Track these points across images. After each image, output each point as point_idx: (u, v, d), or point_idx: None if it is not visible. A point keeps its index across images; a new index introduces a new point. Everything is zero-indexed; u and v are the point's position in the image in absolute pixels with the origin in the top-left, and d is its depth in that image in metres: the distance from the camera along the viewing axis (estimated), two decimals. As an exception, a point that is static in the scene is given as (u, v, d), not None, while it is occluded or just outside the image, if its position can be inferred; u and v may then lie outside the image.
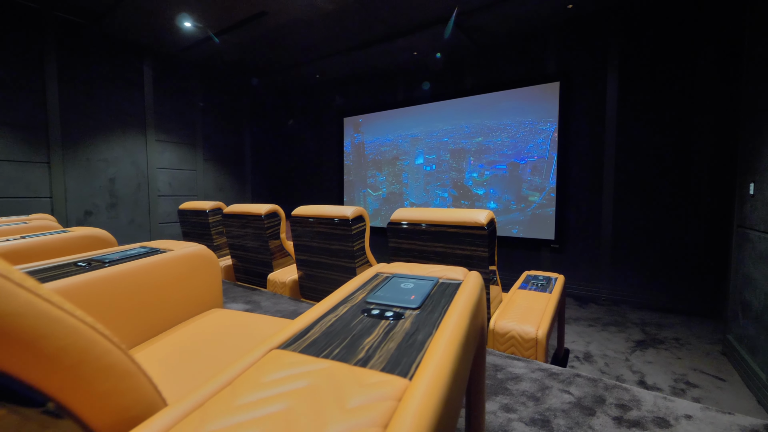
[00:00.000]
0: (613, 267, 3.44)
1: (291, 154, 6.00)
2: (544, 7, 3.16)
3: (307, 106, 5.83)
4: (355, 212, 2.16)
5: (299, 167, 5.98)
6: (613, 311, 3.15)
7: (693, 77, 3.05)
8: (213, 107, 4.94)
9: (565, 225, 3.67)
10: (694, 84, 3.04)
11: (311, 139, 5.79)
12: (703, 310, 3.04)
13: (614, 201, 3.41)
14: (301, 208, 2.35)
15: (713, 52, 2.97)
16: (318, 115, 5.69)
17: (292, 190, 6.02)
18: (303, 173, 5.96)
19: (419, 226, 1.77)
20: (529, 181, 3.87)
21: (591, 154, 3.52)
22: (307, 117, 5.82)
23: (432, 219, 1.72)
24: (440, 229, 1.69)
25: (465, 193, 4.31)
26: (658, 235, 3.22)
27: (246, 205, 2.80)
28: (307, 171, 5.90)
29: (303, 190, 5.99)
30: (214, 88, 4.94)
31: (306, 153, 5.89)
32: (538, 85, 3.74)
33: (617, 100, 3.35)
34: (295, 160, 6.00)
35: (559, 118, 3.64)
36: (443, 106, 4.39)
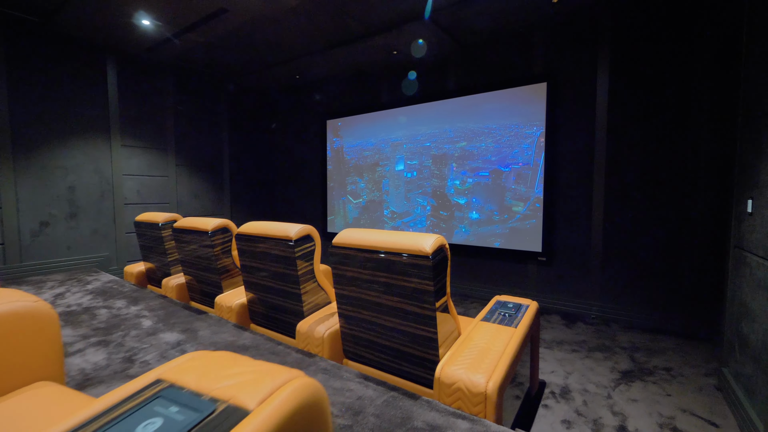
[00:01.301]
0: (603, 282, 3.18)
1: (273, 158, 5.77)
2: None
3: (288, 108, 5.60)
4: (300, 231, 1.92)
5: (281, 172, 5.76)
6: (602, 332, 2.89)
7: (688, 79, 2.79)
8: (187, 110, 4.72)
9: (552, 237, 3.41)
10: (690, 87, 2.79)
11: (293, 143, 5.57)
12: (699, 333, 2.78)
13: (605, 212, 3.15)
14: (248, 225, 2.12)
15: (710, 52, 2.71)
16: (300, 118, 5.46)
17: (273, 197, 5.80)
18: (285, 178, 5.73)
19: (362, 252, 1.53)
20: (513, 190, 3.62)
21: (579, 162, 3.26)
22: (289, 120, 5.60)
23: (374, 244, 1.48)
24: (383, 257, 1.45)
25: (444, 202, 4.06)
26: (652, 249, 2.96)
27: (196, 220, 2.58)
28: (290, 176, 5.67)
29: (285, 196, 5.76)
30: (188, 89, 4.72)
31: (288, 157, 5.66)
32: (525, 86, 3.49)
33: (607, 103, 3.10)
34: (277, 165, 5.77)
35: (546, 122, 3.38)
36: (426, 108, 4.14)
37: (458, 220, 3.99)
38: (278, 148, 5.75)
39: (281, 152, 5.73)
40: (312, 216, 5.41)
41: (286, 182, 5.71)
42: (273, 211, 5.79)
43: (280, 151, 5.74)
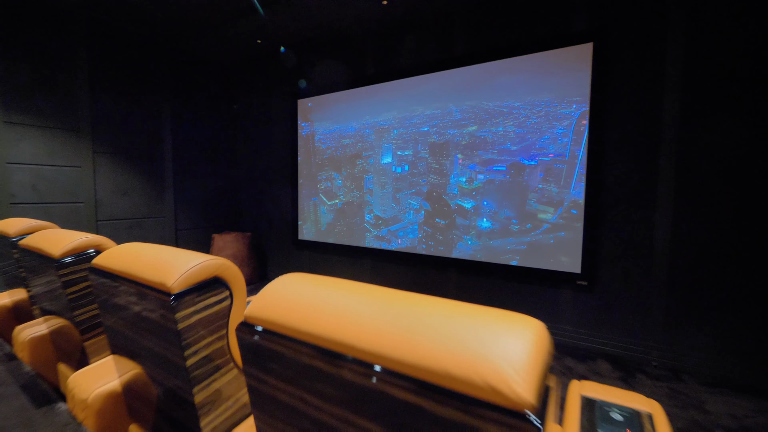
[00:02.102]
0: (668, 316, 2.31)
1: (234, 148, 4.68)
2: None
3: (250, 85, 4.52)
4: (192, 275, 0.90)
5: (246, 165, 4.67)
6: (678, 393, 2.00)
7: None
8: (110, 80, 3.59)
9: (596, 254, 2.51)
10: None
11: (257, 129, 4.49)
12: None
13: (673, 221, 2.27)
14: (115, 250, 1.09)
15: None
16: (265, 98, 4.39)
17: (236, 197, 4.71)
18: (251, 173, 4.65)
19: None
20: (541, 191, 2.70)
21: (638, 153, 2.37)
22: (251, 100, 4.52)
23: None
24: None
25: (441, 206, 3.11)
26: (740, 273, 2.10)
27: (53, 234, 1.52)
28: (257, 170, 4.60)
29: (251, 195, 4.68)
30: (110, 52, 3.59)
31: (253, 147, 4.59)
32: (561, 48, 2.58)
33: (682, 72, 2.22)
34: (241, 156, 4.68)
35: (591, 98, 2.48)
36: (425, 82, 3.17)
37: (462, 230, 3.05)
38: (240, 136, 4.66)
39: (244, 140, 4.65)
40: (281, 219, 4.36)
41: (252, 178, 4.63)
42: (235, 213, 4.69)
43: (243, 138, 4.65)
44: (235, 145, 4.67)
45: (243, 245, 4.07)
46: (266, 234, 4.45)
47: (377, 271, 3.58)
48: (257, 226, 4.52)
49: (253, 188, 4.55)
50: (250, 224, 4.61)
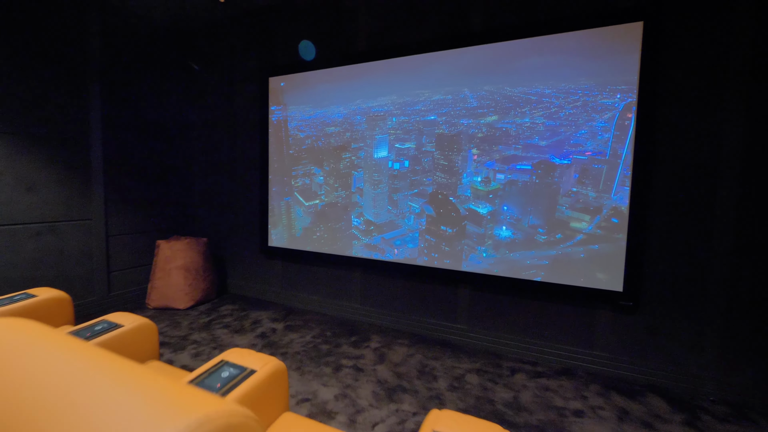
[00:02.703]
0: (728, 343, 1.99)
1: (184, 133, 3.83)
2: None
3: (209, 57, 3.72)
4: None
5: (199, 153, 3.85)
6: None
7: None
8: (8, 40, 2.65)
9: (641, 268, 2.14)
10: None
11: (217, 112, 3.70)
12: None
13: (735, 232, 1.95)
14: None
15: None
16: (227, 73, 3.62)
17: (189, 194, 3.86)
18: (209, 166, 3.84)
19: None
20: (575, 195, 2.29)
21: (695, 153, 2.02)
22: (210, 76, 3.72)
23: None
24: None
25: (447, 212, 2.61)
26: (825, 302, 1.82)
27: None
28: (211, 161, 3.80)
29: (209, 193, 3.87)
30: (10, 4, 2.65)
31: (210, 132, 3.78)
32: (602, 27, 2.17)
33: (748, 61, 1.89)
34: (192, 144, 3.85)
35: (639, 87, 2.09)
36: (432, 61, 2.64)
37: (476, 240, 2.57)
38: (195, 119, 3.83)
39: (202, 125, 3.82)
40: (246, 222, 3.62)
41: (209, 171, 3.82)
42: (187, 214, 3.85)
43: (199, 123, 3.83)
44: (188, 131, 3.84)
45: (197, 254, 3.29)
46: (226, 240, 3.69)
47: (369, 287, 3.00)
48: (215, 229, 3.74)
49: (209, 184, 3.75)
50: (205, 228, 3.81)
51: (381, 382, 2.09)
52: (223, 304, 3.34)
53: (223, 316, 3.05)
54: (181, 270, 3.18)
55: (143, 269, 3.44)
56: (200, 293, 3.29)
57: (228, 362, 1.08)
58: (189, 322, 2.93)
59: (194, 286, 3.24)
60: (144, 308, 3.22)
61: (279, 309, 3.25)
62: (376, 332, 2.79)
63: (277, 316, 3.09)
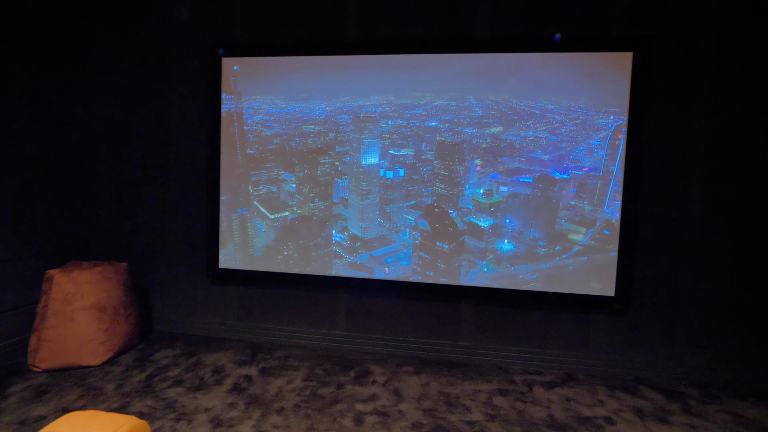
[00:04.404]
0: (693, 335, 2.35)
1: (86, 120, 2.75)
2: None
3: (127, 21, 2.76)
4: None
5: (110, 149, 2.83)
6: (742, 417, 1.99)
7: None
8: None
9: (630, 276, 2.37)
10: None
11: (140, 96, 2.78)
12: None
13: (699, 240, 2.31)
14: None
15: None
16: (158, 45, 2.74)
17: (86, 200, 2.78)
18: (120, 163, 2.84)
19: None
20: (573, 209, 2.41)
21: (671, 171, 2.32)
22: (130, 48, 2.76)
23: None
24: None
25: (444, 227, 2.49)
26: (762, 291, 2.29)
27: None
28: (129, 158, 2.83)
29: (117, 200, 2.86)
30: None
31: (128, 120, 2.81)
32: (600, 53, 2.32)
33: (713, 95, 2.26)
34: (97, 135, 2.79)
35: (629, 110, 2.30)
36: (435, 62, 2.44)
37: (477, 255, 2.49)
38: (104, 102, 2.78)
39: (121, 111, 2.81)
40: (183, 240, 2.80)
41: (127, 173, 2.83)
42: (92, 231, 2.76)
43: (115, 109, 2.80)
44: (92, 119, 2.80)
45: (116, 285, 2.41)
46: (150, 263, 2.82)
47: (356, 310, 2.64)
48: (130, 250, 2.82)
49: (126, 190, 2.81)
50: (117, 248, 2.84)
51: (417, 426, 1.82)
52: (156, 350, 2.53)
53: (164, 368, 2.30)
54: (92, 311, 2.28)
55: (18, 314, 2.36)
56: (121, 339, 2.42)
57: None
58: (115, 384, 2.10)
59: (112, 331, 2.36)
60: (27, 373, 2.20)
61: (240, 347, 2.61)
62: (372, 362, 2.47)
63: (243, 357, 2.47)
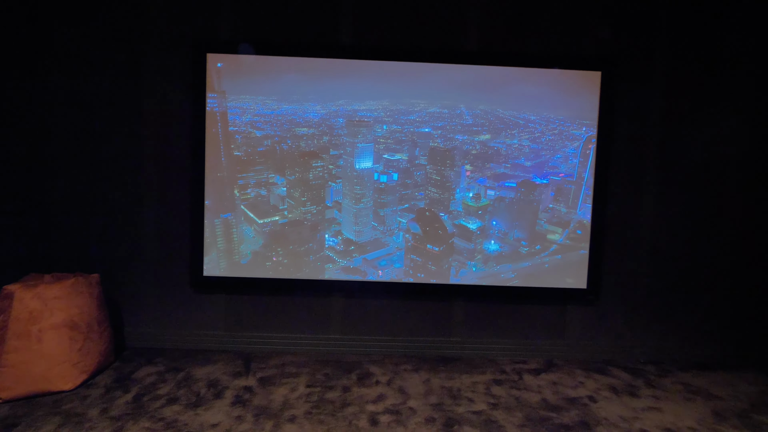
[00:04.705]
0: (648, 319, 2.71)
1: (45, 110, 2.40)
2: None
3: (90, 8, 2.47)
4: None
5: (74, 146, 2.51)
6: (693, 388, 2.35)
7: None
8: None
9: (600, 270, 2.66)
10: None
11: (108, 92, 2.50)
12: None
13: (651, 240, 2.67)
14: None
15: None
16: (133, 37, 2.49)
17: (48, 201, 2.43)
18: (83, 156, 2.53)
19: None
20: (551, 211, 2.66)
21: (632, 177, 2.65)
22: (96, 39, 2.48)
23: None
24: None
25: (434, 230, 2.61)
26: (710, 282, 2.70)
27: None
28: (96, 155, 2.54)
29: (83, 203, 2.55)
30: None
31: (92, 116, 2.51)
32: (574, 70, 2.57)
33: (662, 108, 2.62)
34: (58, 129, 2.46)
35: (598, 123, 2.59)
36: (427, 71, 2.53)
37: (466, 255, 2.64)
38: (71, 95, 2.46)
39: (82, 105, 2.49)
40: (165, 247, 2.59)
41: (93, 172, 2.53)
42: (55, 238, 2.41)
43: (78, 103, 2.48)
44: (51, 116, 2.47)
45: (88, 299, 2.17)
46: (123, 272, 2.57)
47: (352, 313, 2.65)
48: (101, 260, 2.55)
49: (94, 193, 2.53)
50: (83, 258, 2.55)
51: (430, 420, 1.91)
52: (136, 367, 2.32)
53: (150, 386, 2.13)
54: (63, 329, 2.04)
55: (-38, 338, 2.03)
56: (96, 359, 2.19)
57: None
58: (99, 408, 1.91)
59: (86, 350, 2.13)
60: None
61: (231, 358, 2.49)
62: (370, 363, 2.51)
63: (236, 368, 2.37)
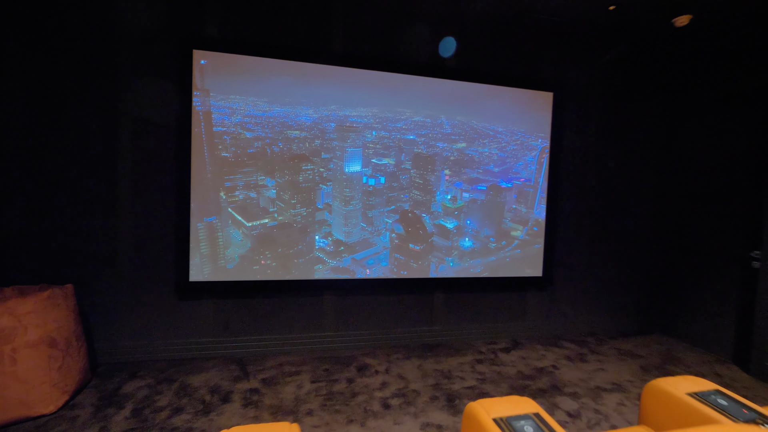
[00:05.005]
0: (587, 299, 3.28)
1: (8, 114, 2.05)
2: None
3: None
4: None
5: (53, 147, 2.18)
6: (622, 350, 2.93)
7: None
8: None
9: (552, 260, 3.14)
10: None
11: (77, 87, 2.23)
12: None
13: (590, 234, 3.24)
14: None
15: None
16: (108, 31, 2.25)
17: (9, 210, 2.08)
18: (48, 160, 2.22)
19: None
20: (514, 211, 3.06)
21: (577, 183, 3.17)
22: (63, 30, 2.18)
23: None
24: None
25: (416, 230, 2.86)
26: (613, 272, 3.34)
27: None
28: (62, 154, 2.24)
29: (42, 206, 2.23)
30: None
31: (60, 112, 2.21)
32: (532, 90, 2.99)
33: (597, 126, 3.18)
34: (19, 126, 2.12)
35: (551, 137, 3.05)
36: (413, 82, 2.73)
37: (444, 252, 2.93)
38: (36, 93, 2.12)
39: (71, 97, 2.17)
40: (143, 252, 2.39)
41: (44, 174, 2.23)
42: (14, 246, 2.06)
43: (40, 100, 2.16)
44: (12, 104, 2.13)
45: (66, 313, 1.97)
46: (94, 284, 2.34)
47: (344, 310, 2.76)
48: (67, 270, 2.28)
49: (55, 197, 2.25)
50: (44, 269, 2.26)
51: (434, 398, 2.14)
52: (120, 383, 2.16)
53: (146, 399, 2.01)
54: (41, 347, 1.84)
55: None
56: (76, 377, 2.00)
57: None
58: (97, 428, 1.77)
59: (66, 368, 1.94)
60: (-56, 441, 1.65)
61: (224, 364, 2.43)
62: (365, 356, 2.65)
63: (233, 372, 2.33)
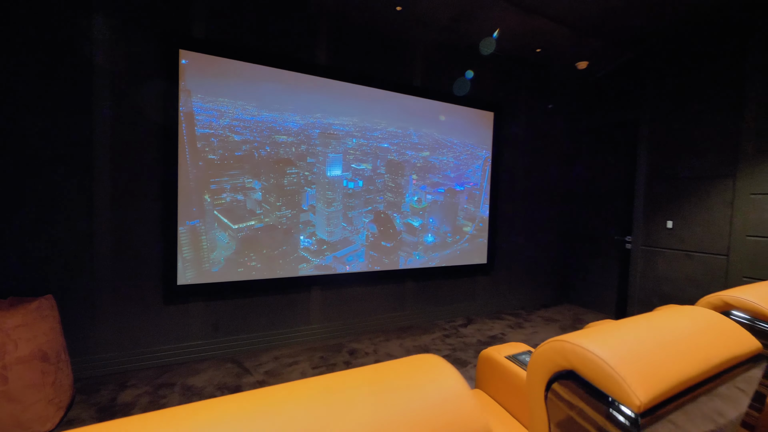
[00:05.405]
0: (520, 281, 3.99)
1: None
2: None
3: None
4: None
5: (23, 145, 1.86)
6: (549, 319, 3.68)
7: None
8: None
9: (494, 250, 3.76)
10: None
11: (45, 80, 1.99)
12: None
13: (520, 231, 3.96)
14: None
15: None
16: (86, 24, 2.04)
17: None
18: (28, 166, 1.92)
19: None
20: (465, 210, 3.60)
21: (510, 186, 3.85)
22: (29, 20, 1.92)
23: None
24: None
25: (387, 229, 3.21)
26: (542, 260, 4.14)
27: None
28: (45, 163, 1.97)
29: (24, 213, 1.93)
30: None
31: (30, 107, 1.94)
32: (478, 109, 3.56)
33: (525, 141, 3.91)
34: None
35: (492, 149, 3.66)
36: (389, 97, 3.05)
37: (411, 247, 3.32)
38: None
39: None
40: (123, 259, 2.24)
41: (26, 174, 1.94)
42: None
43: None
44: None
45: (54, 324, 1.81)
46: (69, 293, 2.13)
47: (328, 303, 2.94)
48: (38, 280, 2.05)
49: (33, 198, 1.99)
50: (23, 279, 1.98)
51: (423, 372, 2.50)
52: (115, 393, 2.04)
53: (153, 404, 1.96)
54: (34, 362, 1.69)
55: None
56: (68, 391, 1.86)
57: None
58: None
59: (59, 383, 1.80)
60: (-76, 477, 1.43)
61: (219, 364, 2.43)
62: (351, 342, 2.88)
63: (232, 370, 2.36)
